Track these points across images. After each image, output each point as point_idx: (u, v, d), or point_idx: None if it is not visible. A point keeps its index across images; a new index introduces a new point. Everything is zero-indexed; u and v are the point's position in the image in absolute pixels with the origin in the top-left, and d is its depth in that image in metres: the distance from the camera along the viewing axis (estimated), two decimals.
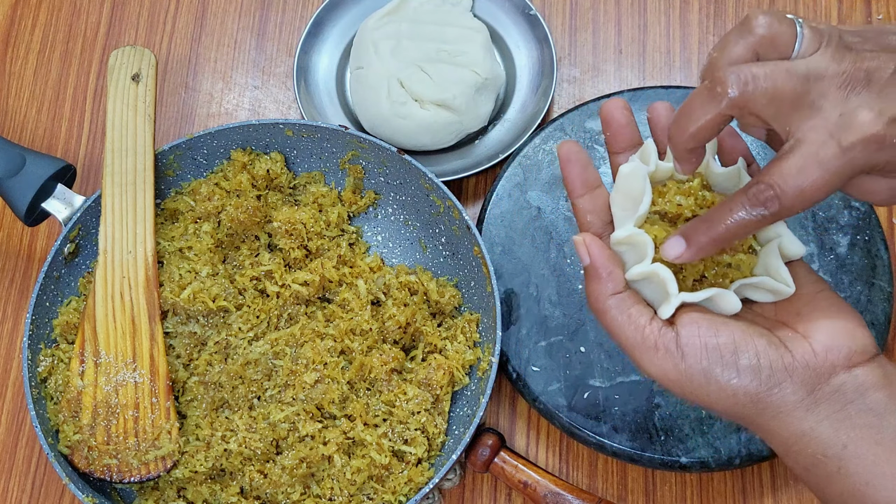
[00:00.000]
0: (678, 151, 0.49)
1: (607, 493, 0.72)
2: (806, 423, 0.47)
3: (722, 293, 0.49)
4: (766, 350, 0.48)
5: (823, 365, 0.47)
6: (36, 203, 0.72)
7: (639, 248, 0.50)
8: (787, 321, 0.50)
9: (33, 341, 0.68)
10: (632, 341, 0.49)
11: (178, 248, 0.72)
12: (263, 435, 0.65)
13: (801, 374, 0.47)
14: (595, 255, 0.50)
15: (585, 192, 0.54)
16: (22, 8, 0.89)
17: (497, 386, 0.75)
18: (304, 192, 0.77)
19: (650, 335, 0.49)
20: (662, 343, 0.48)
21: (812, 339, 0.48)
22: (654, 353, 0.49)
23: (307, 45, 0.83)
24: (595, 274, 0.50)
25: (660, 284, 0.49)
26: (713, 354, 0.48)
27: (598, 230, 0.54)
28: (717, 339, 0.48)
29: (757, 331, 0.49)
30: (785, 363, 0.47)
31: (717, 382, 0.48)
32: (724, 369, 0.47)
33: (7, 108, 0.86)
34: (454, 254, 0.74)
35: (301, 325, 0.70)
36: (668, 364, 0.48)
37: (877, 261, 0.72)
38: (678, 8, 0.86)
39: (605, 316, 0.50)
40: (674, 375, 0.48)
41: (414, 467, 0.66)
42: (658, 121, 0.53)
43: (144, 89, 0.73)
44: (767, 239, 0.51)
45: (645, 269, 0.49)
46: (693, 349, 0.48)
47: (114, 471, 0.65)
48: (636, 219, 0.50)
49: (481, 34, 0.80)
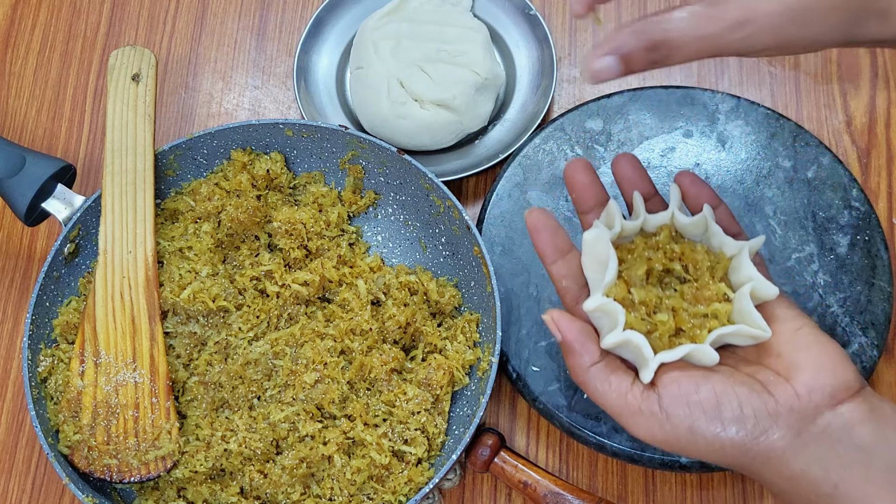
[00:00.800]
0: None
1: (607, 493, 0.72)
2: (796, 466, 0.47)
3: (698, 349, 0.49)
4: (748, 398, 0.48)
5: (808, 406, 0.47)
6: (36, 203, 0.72)
7: (612, 315, 0.50)
8: (768, 363, 0.50)
9: (33, 341, 0.68)
10: (616, 409, 0.50)
11: (178, 248, 0.72)
12: (263, 435, 0.65)
13: (786, 418, 0.47)
14: (565, 331, 0.51)
15: (558, 257, 0.54)
16: (22, 8, 0.89)
17: (497, 386, 0.75)
18: (304, 192, 0.77)
19: (633, 401, 0.49)
20: (646, 407, 0.49)
21: (794, 381, 0.48)
22: (640, 416, 0.49)
23: (307, 45, 0.83)
24: (570, 348, 0.51)
25: (635, 349, 0.50)
26: (696, 411, 0.48)
27: (576, 293, 0.54)
28: (699, 395, 0.48)
29: (738, 379, 0.49)
30: (769, 409, 0.47)
31: (704, 437, 0.48)
32: (709, 423, 0.48)
33: (7, 108, 0.86)
34: (454, 254, 0.74)
35: (301, 325, 0.70)
36: (655, 426, 0.49)
37: (877, 261, 0.72)
38: None
39: (588, 387, 0.51)
40: (661, 436, 0.49)
41: (414, 467, 0.66)
42: (624, 175, 0.54)
43: (144, 89, 0.73)
44: (739, 283, 0.51)
45: (618, 339, 0.49)
46: (676, 409, 0.48)
47: (114, 471, 0.65)
48: (604, 286, 0.50)
49: (481, 34, 0.80)
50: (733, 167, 0.76)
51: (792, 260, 0.73)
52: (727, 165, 0.76)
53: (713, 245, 0.52)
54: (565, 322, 0.51)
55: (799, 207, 0.74)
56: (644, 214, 0.52)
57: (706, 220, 0.52)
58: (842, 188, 0.75)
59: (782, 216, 0.74)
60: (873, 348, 0.70)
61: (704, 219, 0.52)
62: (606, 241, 0.50)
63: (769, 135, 0.77)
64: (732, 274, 0.52)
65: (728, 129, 0.77)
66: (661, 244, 0.52)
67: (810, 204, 0.74)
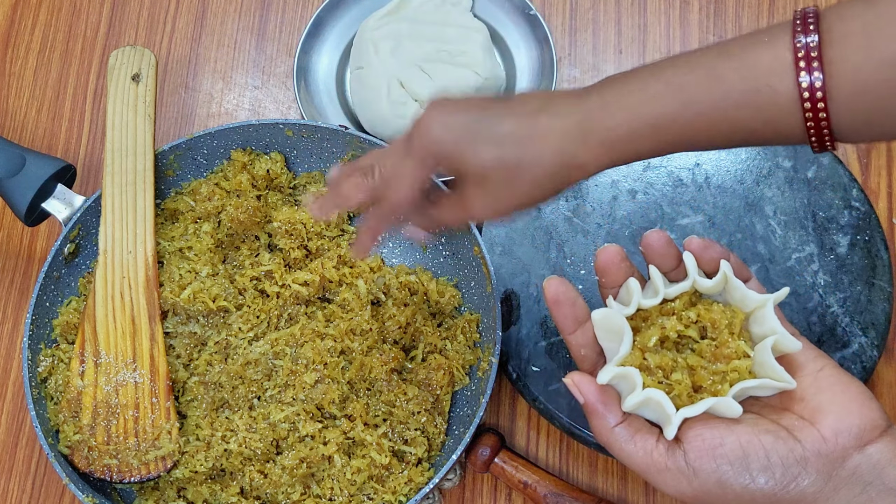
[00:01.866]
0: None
1: (607, 493, 0.72)
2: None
3: (721, 401, 0.49)
4: (774, 446, 0.47)
5: (835, 450, 0.46)
6: (36, 203, 0.72)
7: (629, 378, 0.50)
8: (792, 408, 0.49)
9: (33, 341, 0.68)
10: (643, 467, 0.49)
11: (178, 248, 0.72)
12: (263, 435, 0.65)
13: (814, 463, 0.46)
14: (587, 393, 0.51)
15: (576, 328, 0.53)
16: (22, 8, 0.89)
17: (497, 386, 0.75)
18: (304, 192, 0.77)
19: (659, 459, 0.49)
20: (673, 464, 0.48)
21: (820, 425, 0.47)
22: (667, 473, 0.48)
23: (307, 45, 0.83)
24: (593, 410, 0.51)
25: (657, 406, 0.49)
26: (723, 463, 0.47)
27: (593, 361, 0.54)
28: (724, 448, 0.47)
29: (763, 427, 0.48)
30: (796, 456, 0.47)
31: (734, 490, 0.47)
32: (737, 475, 0.47)
33: (7, 108, 0.86)
34: (454, 254, 0.74)
35: (301, 325, 0.70)
36: (683, 483, 0.48)
37: (877, 261, 0.72)
38: (678, 8, 0.86)
39: (613, 448, 0.50)
40: (690, 492, 0.48)
41: (414, 467, 0.66)
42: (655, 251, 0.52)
43: (144, 89, 0.73)
44: (762, 335, 0.50)
45: (638, 399, 0.49)
46: (703, 463, 0.47)
47: (114, 471, 0.65)
48: (618, 358, 0.50)
49: (481, 34, 0.80)
50: (733, 167, 0.76)
51: (792, 260, 0.73)
52: (727, 165, 0.76)
53: (735, 298, 0.51)
54: (586, 385, 0.51)
55: (799, 207, 0.74)
56: (663, 292, 0.51)
57: (725, 276, 0.51)
58: (842, 188, 0.75)
59: (782, 216, 0.74)
60: (873, 348, 0.70)
61: (723, 275, 0.51)
62: (620, 316, 0.50)
63: None
64: (755, 325, 0.51)
65: None
66: (677, 310, 0.51)
67: (810, 204, 0.74)
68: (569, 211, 0.76)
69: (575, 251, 0.74)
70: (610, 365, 0.50)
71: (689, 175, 0.76)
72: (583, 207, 0.76)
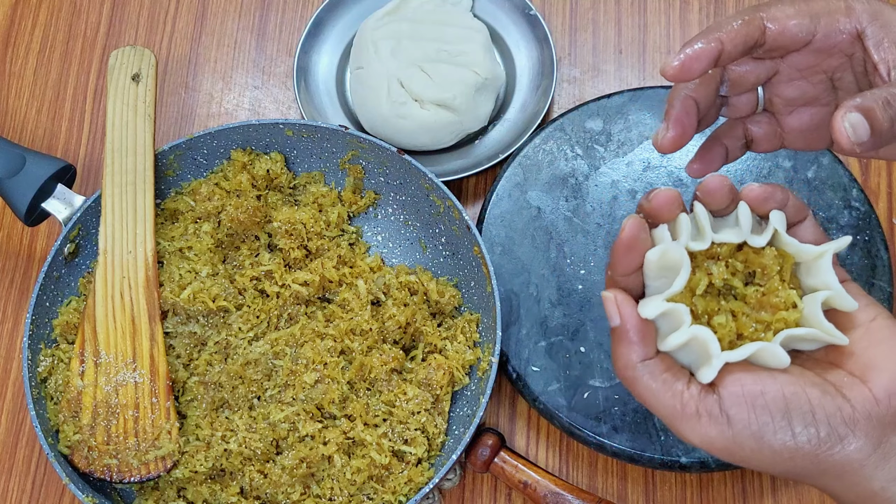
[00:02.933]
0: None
1: (607, 493, 0.72)
2: (876, 483, 0.42)
3: (766, 347, 0.44)
4: (821, 402, 0.42)
5: (887, 413, 0.42)
6: (36, 203, 0.72)
7: (674, 316, 0.45)
8: (840, 363, 0.44)
9: (33, 341, 0.68)
10: (670, 409, 0.44)
11: (178, 248, 0.72)
12: (263, 435, 0.65)
13: (863, 426, 0.42)
14: (626, 317, 0.45)
15: (630, 273, 0.48)
16: (22, 8, 0.89)
17: (497, 386, 0.75)
18: (304, 192, 0.77)
19: (690, 401, 0.44)
20: (704, 409, 0.43)
21: (871, 384, 0.43)
22: (697, 420, 0.44)
23: (307, 45, 0.83)
24: (624, 337, 0.45)
25: (699, 347, 0.45)
26: (762, 415, 0.42)
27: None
28: (766, 397, 0.43)
29: (808, 379, 0.43)
30: (844, 416, 0.42)
31: (771, 446, 0.43)
32: (777, 430, 0.42)
33: (7, 108, 0.86)
34: (454, 254, 0.74)
35: (301, 325, 0.70)
36: (714, 431, 0.43)
37: (877, 261, 0.72)
38: (678, 8, 0.86)
39: (637, 384, 0.45)
40: (721, 443, 0.43)
41: (414, 467, 0.66)
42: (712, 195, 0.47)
43: (144, 89, 0.73)
44: (812, 288, 0.46)
45: (684, 338, 0.44)
46: (739, 412, 0.43)
47: (114, 471, 0.65)
48: (670, 293, 0.45)
49: (481, 34, 0.80)
50: (734, 167, 0.76)
51: None
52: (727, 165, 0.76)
53: (786, 246, 0.47)
54: (628, 307, 0.45)
55: None
56: (710, 236, 0.46)
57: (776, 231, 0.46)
58: (842, 188, 0.75)
59: None
60: None
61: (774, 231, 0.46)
62: (680, 249, 0.45)
63: None
64: (806, 276, 0.47)
65: None
66: (723, 255, 0.47)
67: (810, 204, 0.74)
68: (569, 211, 0.76)
69: (575, 251, 0.74)
70: (658, 298, 0.45)
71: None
72: (583, 207, 0.76)
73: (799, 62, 0.52)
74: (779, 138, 0.56)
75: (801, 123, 0.55)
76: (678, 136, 0.51)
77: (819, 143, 0.55)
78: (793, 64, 0.52)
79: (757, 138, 0.56)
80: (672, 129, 0.51)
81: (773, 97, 0.54)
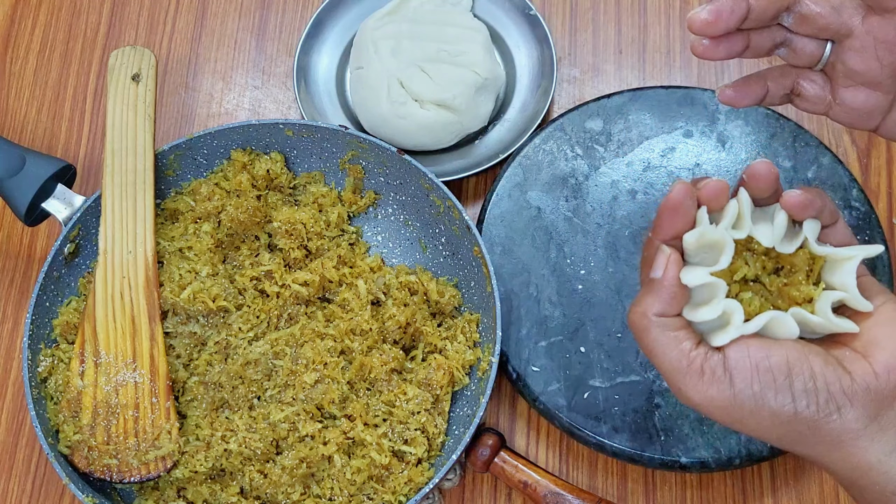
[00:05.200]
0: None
1: (607, 493, 0.72)
2: (872, 455, 0.43)
3: (779, 316, 0.46)
4: (822, 371, 0.44)
5: (886, 387, 0.43)
6: (36, 203, 0.72)
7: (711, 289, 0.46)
8: (843, 339, 0.46)
9: (33, 341, 0.68)
10: (675, 364, 0.45)
11: (178, 248, 0.72)
12: (263, 435, 0.65)
13: (862, 398, 0.43)
14: (670, 276, 0.46)
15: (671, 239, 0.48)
16: (22, 8, 0.89)
17: (497, 386, 0.75)
18: (304, 192, 0.77)
19: (696, 358, 0.45)
20: (709, 367, 0.45)
21: (872, 359, 0.44)
22: (699, 378, 0.45)
23: (307, 45, 0.83)
24: (658, 290, 0.46)
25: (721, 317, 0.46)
26: (765, 377, 0.44)
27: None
28: (769, 361, 0.44)
29: (812, 349, 0.45)
30: (843, 386, 0.43)
31: (770, 408, 0.44)
32: (778, 393, 0.43)
33: (7, 108, 0.86)
34: (454, 254, 0.74)
35: (301, 325, 0.70)
36: (715, 390, 0.44)
37: (877, 261, 0.72)
38: (678, 8, 0.86)
39: (647, 334, 0.46)
40: (721, 402, 0.44)
41: (414, 467, 0.66)
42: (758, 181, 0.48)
43: (144, 89, 0.73)
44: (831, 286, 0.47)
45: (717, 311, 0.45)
46: (743, 372, 0.44)
47: (114, 471, 0.65)
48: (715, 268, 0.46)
49: (481, 34, 0.80)
50: (733, 167, 0.76)
51: None
52: (727, 166, 0.76)
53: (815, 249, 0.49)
54: (674, 265, 0.46)
55: None
56: (749, 227, 0.47)
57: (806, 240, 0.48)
58: (842, 188, 0.75)
59: None
60: None
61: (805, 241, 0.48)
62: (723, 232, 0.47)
63: (769, 135, 0.77)
64: (830, 274, 0.48)
65: (728, 130, 0.77)
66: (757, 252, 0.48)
67: None
68: (569, 211, 0.76)
69: (575, 251, 0.74)
70: (702, 270, 0.46)
71: (690, 175, 0.76)
72: (583, 207, 0.76)
73: (878, 30, 0.50)
74: (826, 106, 0.55)
75: (856, 102, 0.53)
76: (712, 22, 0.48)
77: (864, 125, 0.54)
78: (871, 30, 0.50)
79: (805, 94, 0.54)
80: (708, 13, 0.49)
81: (837, 62, 0.52)
